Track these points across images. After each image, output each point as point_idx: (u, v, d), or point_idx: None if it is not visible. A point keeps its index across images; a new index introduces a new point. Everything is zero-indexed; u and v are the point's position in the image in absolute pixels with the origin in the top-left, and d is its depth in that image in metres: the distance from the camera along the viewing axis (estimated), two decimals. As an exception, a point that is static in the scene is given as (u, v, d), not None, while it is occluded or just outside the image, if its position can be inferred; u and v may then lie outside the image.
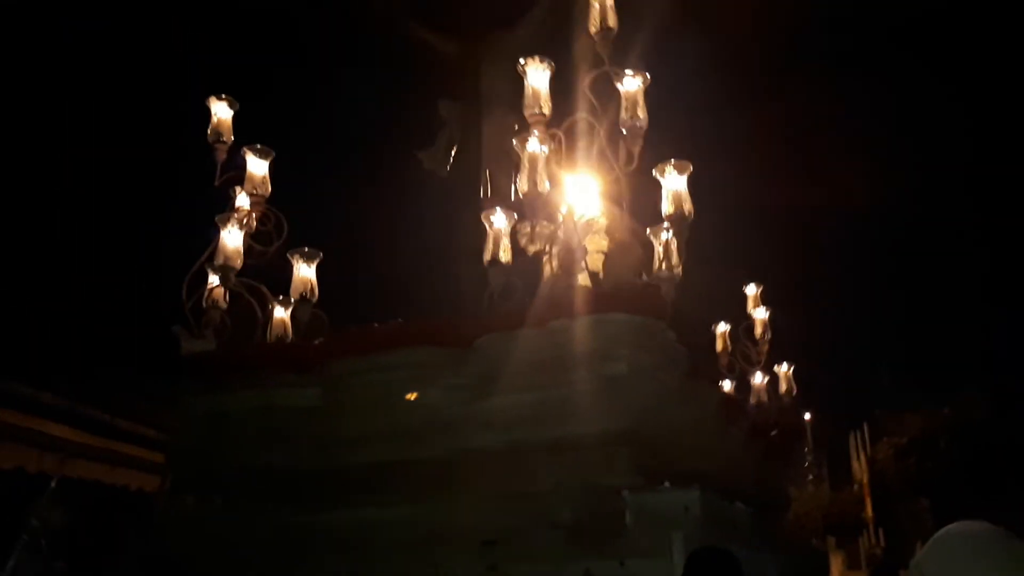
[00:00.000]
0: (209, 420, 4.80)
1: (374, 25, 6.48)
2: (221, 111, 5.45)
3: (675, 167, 4.43)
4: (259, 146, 5.29)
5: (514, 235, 5.92)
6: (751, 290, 6.84)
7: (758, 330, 6.89)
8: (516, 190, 5.85)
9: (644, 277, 4.36)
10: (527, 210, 4.32)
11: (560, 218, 4.96)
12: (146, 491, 9.82)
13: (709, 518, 3.57)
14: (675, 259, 4.48)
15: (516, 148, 4.39)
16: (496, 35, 6.16)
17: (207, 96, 5.45)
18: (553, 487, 3.73)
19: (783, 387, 8.13)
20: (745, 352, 6.84)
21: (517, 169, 6.00)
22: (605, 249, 6.16)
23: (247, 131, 5.51)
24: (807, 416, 8.33)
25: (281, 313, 5.41)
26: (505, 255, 4.48)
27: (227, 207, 5.49)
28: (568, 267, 4.35)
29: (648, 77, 4.55)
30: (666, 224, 4.42)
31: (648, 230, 4.51)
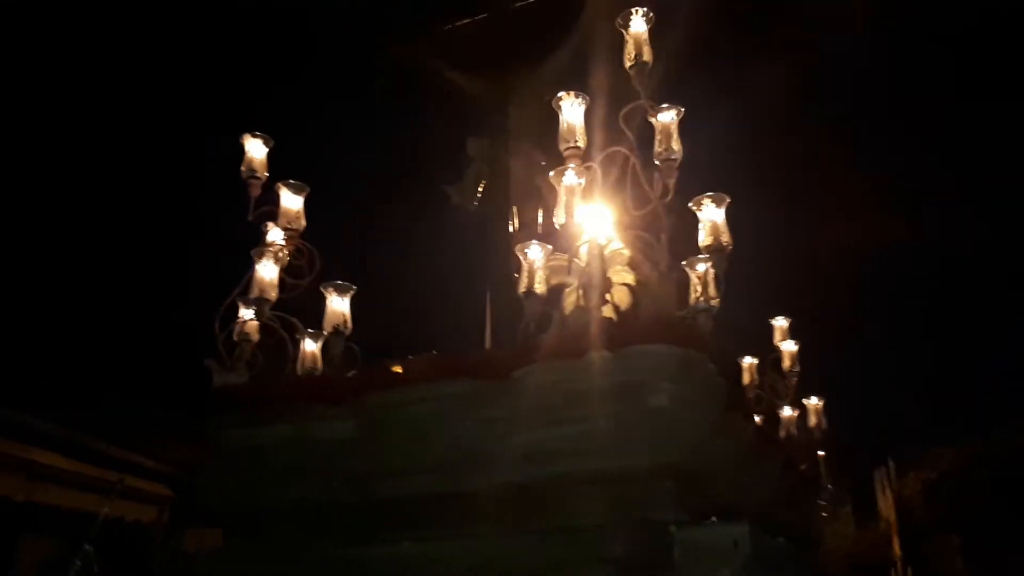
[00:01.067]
0: (240, 454, 4.77)
1: (402, 63, 6.58)
2: (254, 149, 5.50)
3: (713, 199, 4.44)
4: (293, 181, 5.34)
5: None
6: (779, 322, 6.81)
7: (786, 363, 6.85)
8: (541, 222, 5.90)
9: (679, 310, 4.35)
10: (563, 242, 4.31)
11: (583, 249, 5.04)
12: (143, 523, 9.73)
13: (755, 553, 3.51)
14: (712, 291, 4.47)
15: (551, 181, 4.40)
16: (522, 72, 6.24)
17: (238, 134, 5.53)
18: (601, 522, 3.67)
19: (812, 421, 8.06)
20: (773, 385, 6.80)
21: (544, 203, 6.10)
22: (630, 282, 6.19)
23: (276, 166, 5.57)
24: (820, 453, 8.20)
25: (311, 346, 5.41)
26: (540, 287, 4.48)
27: (258, 241, 5.55)
28: (591, 300, 4.37)
29: (682, 110, 4.59)
30: (703, 256, 4.42)
31: (683, 262, 4.50)
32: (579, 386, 3.99)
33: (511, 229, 6.00)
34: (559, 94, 4.59)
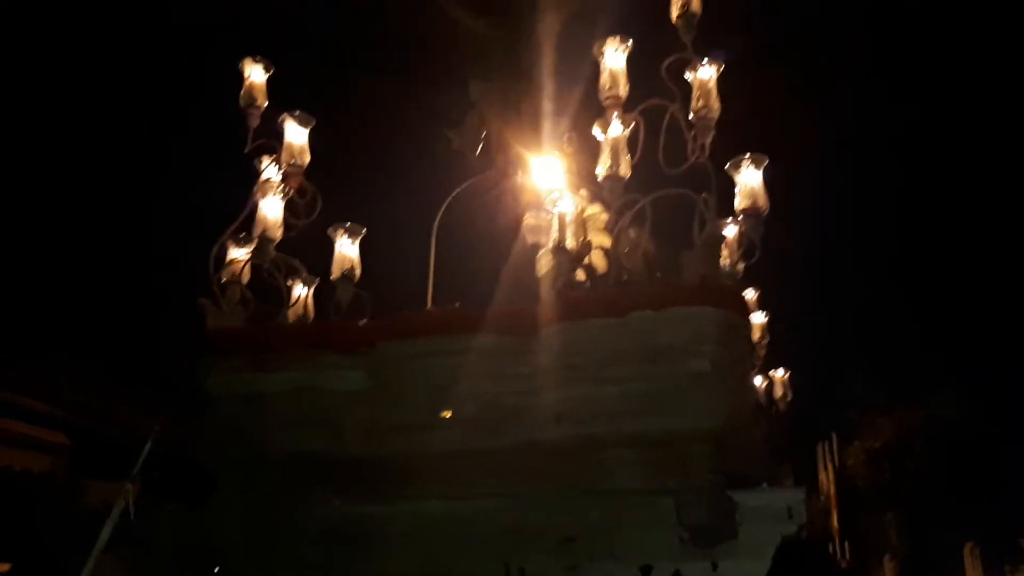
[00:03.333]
0: (238, 401, 4.49)
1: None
2: (255, 74, 5.12)
3: (752, 161, 4.32)
4: (299, 112, 4.99)
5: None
6: (748, 295, 6.80)
7: (755, 334, 6.88)
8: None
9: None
10: (608, 194, 4.14)
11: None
12: (34, 472, 9.17)
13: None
14: (739, 255, 4.39)
15: (595, 132, 4.22)
16: (535, 16, 5.98)
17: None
18: (647, 485, 3.58)
19: (779, 392, 8.18)
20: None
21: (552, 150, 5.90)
22: (607, 245, 6.07)
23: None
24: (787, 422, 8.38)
25: (302, 291, 5.13)
26: (571, 241, 4.32)
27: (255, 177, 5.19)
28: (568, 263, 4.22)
29: (723, 65, 4.44)
30: (737, 218, 4.32)
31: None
32: (618, 346, 3.87)
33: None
34: (603, 39, 4.37)
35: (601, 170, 4.15)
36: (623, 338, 3.86)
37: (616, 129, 4.17)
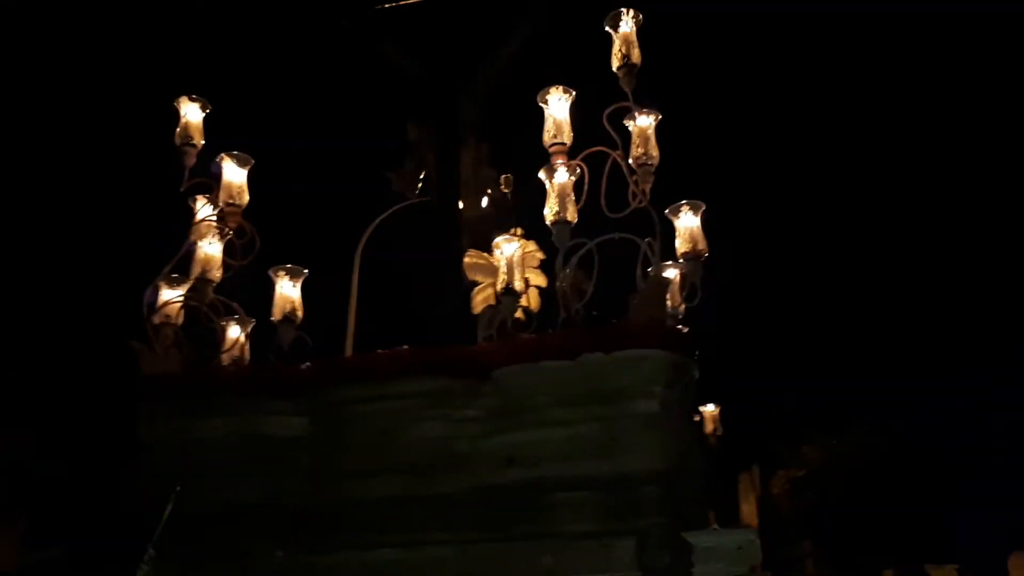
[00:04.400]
0: (174, 448, 4.31)
1: (347, 45, 6.24)
2: (191, 113, 5.03)
3: (689, 207, 4.47)
4: (237, 153, 4.91)
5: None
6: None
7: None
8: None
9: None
10: (556, 240, 4.19)
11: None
12: None
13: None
14: (678, 297, 4.49)
15: (543, 177, 4.28)
16: (473, 63, 6.07)
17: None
18: (591, 529, 3.59)
19: (709, 427, 8.36)
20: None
21: (491, 198, 5.97)
22: (542, 284, 6.18)
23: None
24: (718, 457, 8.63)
25: (236, 332, 5.00)
26: (519, 284, 4.35)
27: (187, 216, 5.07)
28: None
29: (659, 116, 4.58)
30: (678, 262, 4.44)
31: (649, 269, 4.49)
32: (569, 389, 3.90)
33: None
34: (546, 89, 4.46)
35: (548, 215, 4.20)
36: (573, 380, 3.90)
37: (562, 176, 4.24)
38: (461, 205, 5.85)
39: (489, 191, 5.99)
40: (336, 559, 3.81)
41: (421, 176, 6.00)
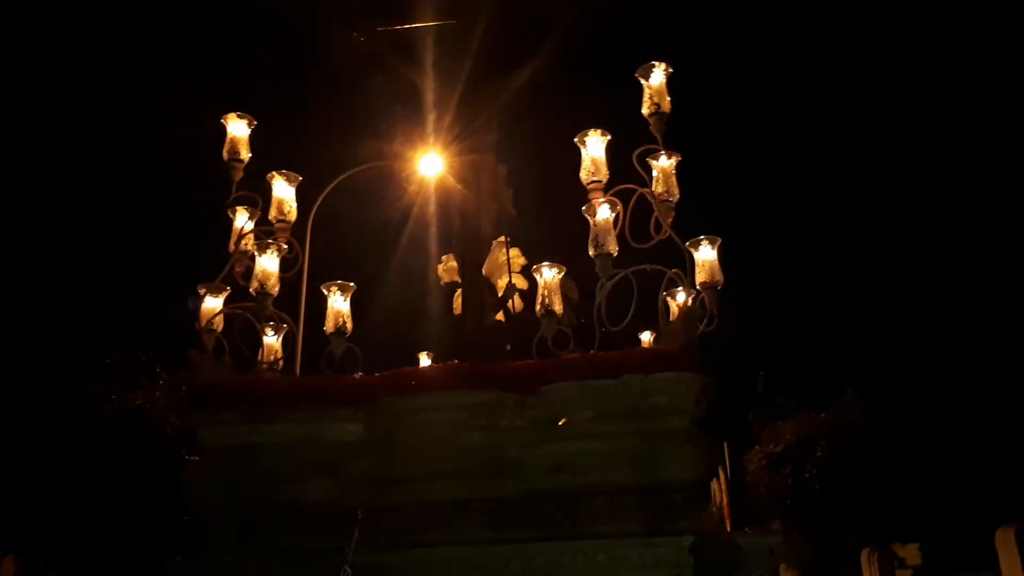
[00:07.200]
0: (234, 453, 4.60)
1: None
2: (237, 129, 5.29)
3: (708, 241, 4.99)
4: (285, 171, 5.19)
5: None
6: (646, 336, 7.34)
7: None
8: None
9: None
10: (600, 271, 4.65)
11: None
12: None
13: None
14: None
15: (586, 214, 4.74)
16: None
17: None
18: (643, 529, 4.09)
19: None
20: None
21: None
22: (523, 287, 6.68)
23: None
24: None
25: (272, 339, 5.29)
26: (557, 307, 4.79)
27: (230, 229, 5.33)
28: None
29: (680, 157, 5.11)
30: (693, 289, 4.96)
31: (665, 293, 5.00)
32: (611, 405, 4.38)
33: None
34: (585, 130, 4.92)
35: (591, 249, 4.67)
36: (615, 398, 4.38)
37: (604, 212, 4.71)
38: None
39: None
40: (401, 557, 4.18)
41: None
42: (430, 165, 6.13)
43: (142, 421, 7.11)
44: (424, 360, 6.72)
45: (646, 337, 6.63)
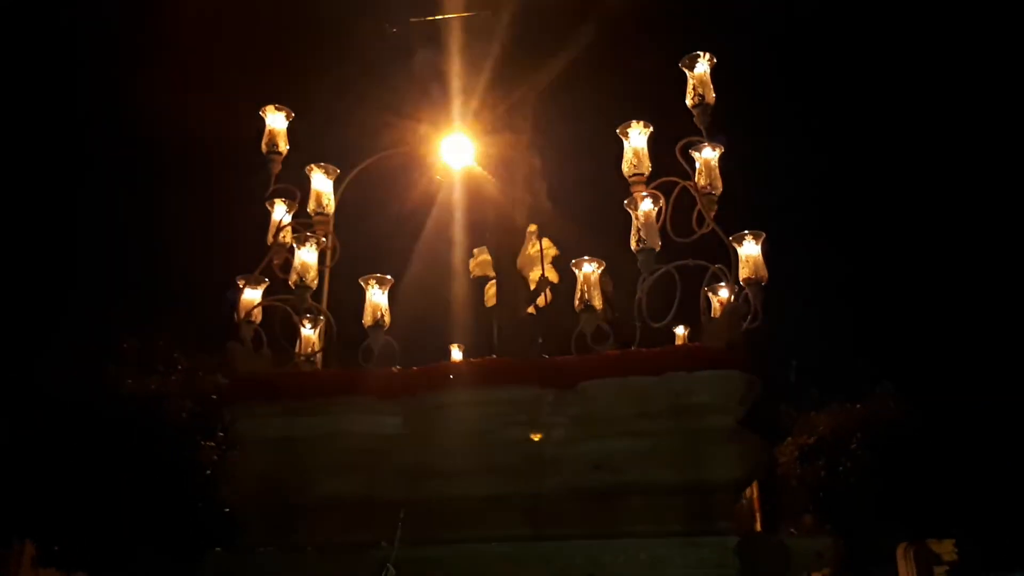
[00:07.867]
0: (270, 446, 4.60)
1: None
2: (275, 121, 5.26)
3: (752, 236, 4.89)
4: (324, 164, 5.16)
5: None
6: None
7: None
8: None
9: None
10: (642, 266, 4.58)
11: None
12: None
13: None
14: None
15: (628, 207, 4.66)
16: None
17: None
18: (685, 528, 4.03)
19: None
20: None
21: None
22: (554, 280, 6.62)
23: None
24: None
25: (309, 332, 5.28)
26: (597, 302, 4.72)
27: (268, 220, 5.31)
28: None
29: (723, 148, 5.01)
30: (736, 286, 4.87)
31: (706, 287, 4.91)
32: (653, 403, 4.31)
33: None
34: (627, 122, 4.84)
35: (634, 243, 4.60)
36: (657, 395, 4.31)
37: (647, 205, 4.63)
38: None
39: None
40: (442, 552, 4.15)
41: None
42: (461, 152, 6.09)
43: (156, 405, 7.16)
44: (456, 353, 6.70)
45: (680, 332, 6.58)
